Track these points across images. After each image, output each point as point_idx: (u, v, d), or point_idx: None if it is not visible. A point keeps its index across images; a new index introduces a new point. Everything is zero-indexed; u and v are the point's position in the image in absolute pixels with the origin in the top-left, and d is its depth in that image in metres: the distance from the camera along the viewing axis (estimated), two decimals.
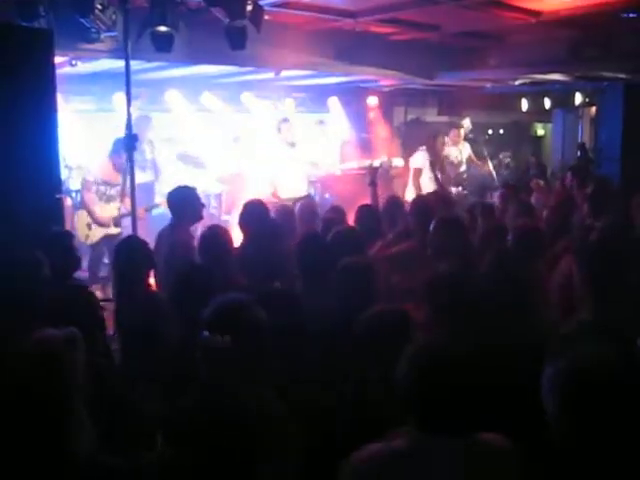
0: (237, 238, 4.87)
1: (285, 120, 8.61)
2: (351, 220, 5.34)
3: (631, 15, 6.98)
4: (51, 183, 5.31)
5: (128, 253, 4.06)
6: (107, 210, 7.27)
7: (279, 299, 3.17)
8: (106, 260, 7.66)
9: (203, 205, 5.25)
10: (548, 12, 7.02)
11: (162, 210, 6.59)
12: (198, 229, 5.54)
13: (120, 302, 3.97)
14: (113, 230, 7.33)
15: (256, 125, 10.25)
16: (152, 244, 4.45)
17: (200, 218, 5.17)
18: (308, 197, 8.11)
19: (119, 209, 7.24)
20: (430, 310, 3.08)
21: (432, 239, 4.35)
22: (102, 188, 7.28)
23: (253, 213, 4.99)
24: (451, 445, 2.00)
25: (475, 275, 3.48)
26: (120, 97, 7.59)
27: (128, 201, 7.03)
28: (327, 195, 10.06)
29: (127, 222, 6.49)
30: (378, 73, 9.23)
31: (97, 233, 7.28)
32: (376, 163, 11.34)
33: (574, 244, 4.40)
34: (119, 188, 7.21)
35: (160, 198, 8.19)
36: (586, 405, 1.88)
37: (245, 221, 4.96)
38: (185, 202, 5.00)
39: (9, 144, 4.95)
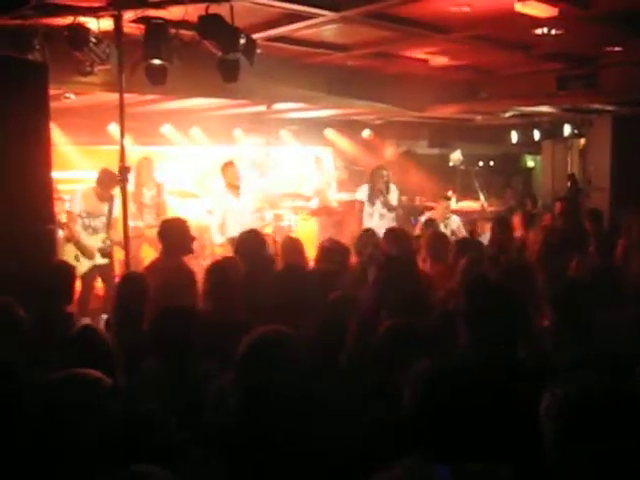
0: None
1: (230, 164, 8.32)
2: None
3: (616, 49, 7.13)
4: (44, 214, 5.34)
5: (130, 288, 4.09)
6: (92, 241, 7.26)
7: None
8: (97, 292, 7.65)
9: (194, 238, 5.16)
10: (536, 46, 7.15)
11: None
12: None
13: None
14: (101, 260, 7.31)
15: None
16: None
17: (189, 251, 5.08)
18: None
19: (104, 240, 7.24)
20: None
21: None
22: (86, 220, 7.27)
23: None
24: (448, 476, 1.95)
25: None
26: (115, 129, 7.64)
27: (113, 232, 7.12)
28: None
29: None
30: (369, 106, 9.34)
31: (85, 264, 7.26)
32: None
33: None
34: (104, 219, 7.23)
35: None
36: (580, 433, 1.88)
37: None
38: (174, 233, 4.96)
39: (2, 175, 5.00)
